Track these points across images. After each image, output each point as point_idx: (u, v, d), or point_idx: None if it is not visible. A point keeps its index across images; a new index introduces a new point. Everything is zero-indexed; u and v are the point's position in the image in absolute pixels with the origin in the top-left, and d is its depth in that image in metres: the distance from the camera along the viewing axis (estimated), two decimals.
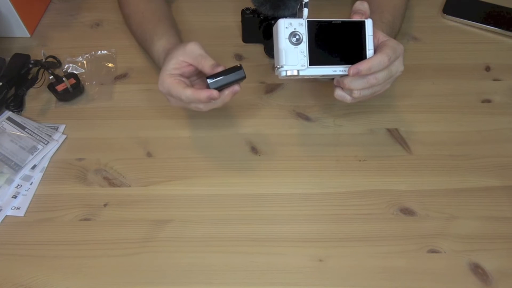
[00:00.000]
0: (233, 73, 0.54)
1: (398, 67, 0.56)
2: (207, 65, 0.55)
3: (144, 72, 0.74)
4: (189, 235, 0.57)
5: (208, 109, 0.58)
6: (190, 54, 0.57)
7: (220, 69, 0.55)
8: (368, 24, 0.55)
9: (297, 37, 0.53)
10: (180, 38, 0.67)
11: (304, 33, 0.53)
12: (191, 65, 0.57)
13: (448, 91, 0.71)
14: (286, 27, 0.53)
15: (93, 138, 0.66)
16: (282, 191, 0.61)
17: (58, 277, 0.54)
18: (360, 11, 0.55)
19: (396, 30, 0.71)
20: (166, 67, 0.57)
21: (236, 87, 0.55)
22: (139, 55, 0.76)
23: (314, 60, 0.54)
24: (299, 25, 0.53)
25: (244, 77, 0.54)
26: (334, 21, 0.54)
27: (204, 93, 0.54)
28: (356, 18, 0.55)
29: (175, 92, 0.55)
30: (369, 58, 0.54)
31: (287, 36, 0.53)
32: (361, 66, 0.53)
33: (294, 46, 0.53)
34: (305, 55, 0.53)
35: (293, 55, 0.53)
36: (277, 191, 0.61)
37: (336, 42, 0.55)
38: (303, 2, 0.53)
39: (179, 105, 0.58)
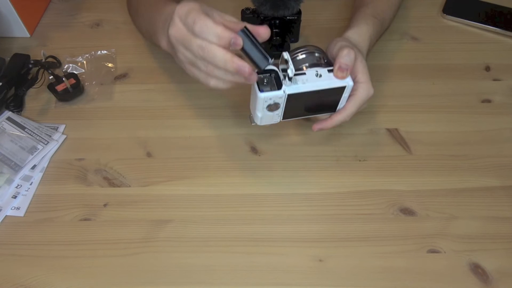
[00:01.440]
0: (261, 54, 0.47)
1: (364, 107, 0.58)
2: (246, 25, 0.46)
3: (144, 72, 0.74)
4: (189, 235, 0.57)
5: (215, 80, 0.48)
6: (226, 15, 0.48)
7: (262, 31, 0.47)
8: (348, 88, 0.54)
9: (275, 105, 0.53)
10: None
11: (283, 102, 0.53)
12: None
13: (448, 91, 0.71)
14: (266, 101, 0.51)
15: (93, 138, 0.66)
16: (282, 191, 0.61)
17: (58, 277, 0.54)
18: (345, 66, 0.52)
19: (385, 27, 0.71)
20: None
21: (247, 68, 0.46)
22: (139, 55, 0.76)
23: (287, 115, 0.55)
24: (279, 98, 0.52)
25: (263, 68, 0.48)
26: (314, 90, 0.52)
27: (228, 32, 0.44)
28: (339, 74, 0.52)
29: (192, 17, 0.45)
30: (334, 116, 0.57)
31: (266, 107, 0.52)
32: (325, 125, 0.57)
33: (271, 113, 0.54)
34: (280, 114, 0.55)
35: (268, 117, 0.54)
36: (277, 191, 0.61)
37: (312, 102, 0.55)
38: (289, 76, 0.50)
39: (182, 41, 0.48)
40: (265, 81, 0.51)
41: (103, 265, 0.55)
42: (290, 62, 0.49)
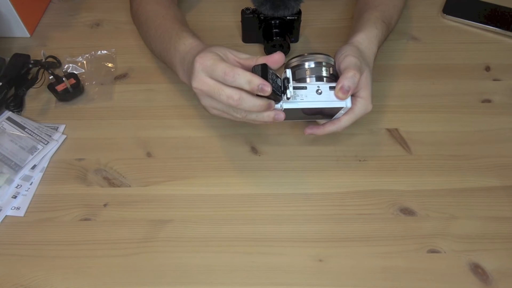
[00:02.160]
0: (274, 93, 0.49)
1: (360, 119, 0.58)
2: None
3: (144, 72, 0.74)
4: (189, 235, 0.57)
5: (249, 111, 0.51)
6: (239, 53, 0.52)
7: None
8: (345, 109, 0.54)
9: None
10: None
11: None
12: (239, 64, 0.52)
13: (448, 91, 0.71)
14: None
15: (93, 138, 0.66)
16: (282, 191, 0.61)
17: (58, 277, 0.54)
18: (347, 88, 0.52)
19: (391, 29, 0.71)
20: (211, 47, 0.51)
21: (272, 102, 0.50)
22: (139, 55, 0.76)
23: (285, 119, 0.55)
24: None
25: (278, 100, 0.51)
26: (311, 108, 0.53)
27: (258, 79, 0.47)
28: (339, 95, 0.52)
29: (221, 69, 0.48)
30: (327, 125, 0.57)
31: None
32: (317, 132, 0.58)
33: None
34: None
35: None
36: (277, 191, 0.61)
37: (309, 112, 0.55)
38: (287, 96, 0.51)
39: (210, 93, 0.50)
40: None
41: (103, 265, 0.55)
42: (291, 84, 0.50)
